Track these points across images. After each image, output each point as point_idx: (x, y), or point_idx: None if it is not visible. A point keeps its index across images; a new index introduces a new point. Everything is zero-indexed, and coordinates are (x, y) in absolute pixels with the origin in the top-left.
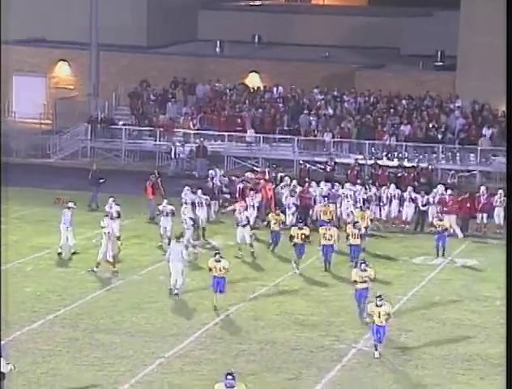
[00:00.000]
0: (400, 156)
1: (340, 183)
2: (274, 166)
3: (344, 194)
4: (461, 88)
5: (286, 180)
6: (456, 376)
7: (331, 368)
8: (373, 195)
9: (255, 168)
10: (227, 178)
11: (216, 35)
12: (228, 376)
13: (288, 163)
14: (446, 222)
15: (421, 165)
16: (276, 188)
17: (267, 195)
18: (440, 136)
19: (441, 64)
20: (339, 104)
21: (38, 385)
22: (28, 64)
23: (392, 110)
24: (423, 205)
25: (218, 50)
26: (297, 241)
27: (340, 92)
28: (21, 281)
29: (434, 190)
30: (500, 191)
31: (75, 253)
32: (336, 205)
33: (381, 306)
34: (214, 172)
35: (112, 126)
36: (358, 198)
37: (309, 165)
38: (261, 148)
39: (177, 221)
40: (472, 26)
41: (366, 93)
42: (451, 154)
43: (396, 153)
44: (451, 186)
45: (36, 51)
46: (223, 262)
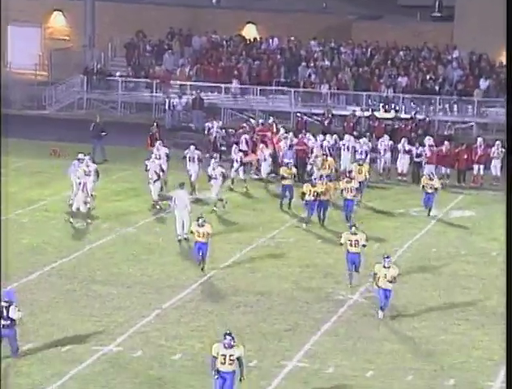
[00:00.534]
0: (397, 108)
1: (338, 135)
2: (270, 117)
3: (345, 146)
4: (459, 39)
5: (281, 132)
6: (452, 326)
7: (327, 319)
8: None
9: (252, 119)
10: (223, 131)
11: None
12: (227, 336)
13: (285, 115)
14: (437, 182)
15: (418, 117)
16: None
17: (277, 148)
18: (437, 87)
19: (438, 15)
20: (336, 55)
21: (36, 335)
22: (23, 14)
23: (389, 62)
24: (417, 156)
25: (214, 1)
26: (309, 198)
27: (337, 44)
28: (18, 233)
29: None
30: (497, 143)
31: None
32: (335, 158)
33: (388, 268)
34: (211, 124)
35: (108, 78)
36: (359, 149)
37: (306, 117)
38: (252, 99)
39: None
40: None
41: (363, 45)
42: (448, 105)
43: (393, 105)
44: (448, 138)
45: (31, 1)
46: (206, 226)
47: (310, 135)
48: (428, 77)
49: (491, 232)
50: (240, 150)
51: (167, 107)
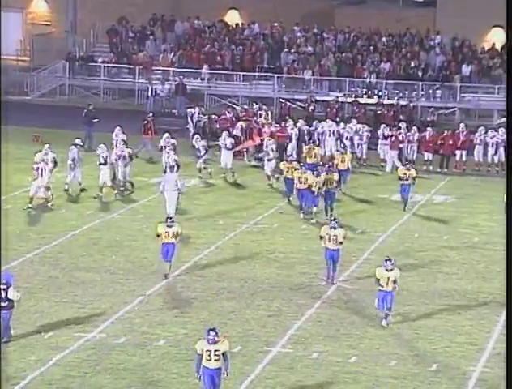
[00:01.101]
0: (380, 94)
1: (320, 121)
2: (254, 103)
3: (330, 131)
4: (441, 25)
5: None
6: (434, 312)
7: (311, 305)
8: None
9: (235, 106)
10: (206, 117)
11: None
12: (211, 332)
13: (268, 101)
14: (413, 172)
15: (401, 103)
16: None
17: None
18: (420, 73)
19: (421, 0)
20: (319, 41)
21: (19, 322)
22: None
23: (372, 48)
24: (400, 142)
25: None
26: (314, 189)
27: (320, 30)
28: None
29: (414, 128)
30: (480, 128)
31: (84, 190)
32: (320, 145)
33: (391, 271)
34: (193, 110)
35: (90, 64)
36: (344, 134)
37: (289, 103)
38: (235, 85)
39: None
40: None
41: (346, 30)
42: (431, 91)
43: (376, 91)
44: (431, 123)
45: None
46: (176, 226)
47: (291, 121)
48: (411, 63)
49: (473, 218)
50: (234, 136)
51: (149, 93)
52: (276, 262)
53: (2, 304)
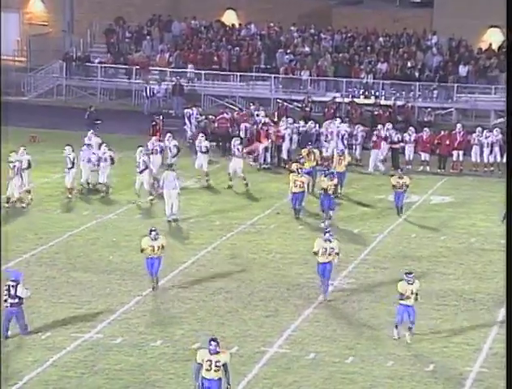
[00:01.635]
0: (377, 94)
1: (317, 121)
2: (251, 104)
3: (328, 131)
4: (438, 25)
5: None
6: (431, 312)
7: (308, 305)
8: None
9: (233, 106)
10: (204, 117)
11: None
12: (212, 342)
13: (265, 101)
14: (407, 179)
15: (398, 103)
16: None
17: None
18: (417, 74)
19: (418, 0)
20: (316, 41)
21: (16, 322)
22: None
23: (369, 48)
24: (395, 142)
25: None
26: (330, 192)
27: (317, 30)
28: None
29: (411, 128)
30: (478, 129)
31: (97, 190)
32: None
33: (412, 284)
34: (190, 111)
35: (87, 64)
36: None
37: (286, 104)
38: (233, 86)
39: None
40: None
41: (343, 31)
42: (428, 91)
43: (373, 91)
44: (428, 124)
45: None
46: (160, 239)
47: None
48: (408, 63)
49: (470, 218)
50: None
51: (146, 93)
52: (273, 262)
53: (12, 301)
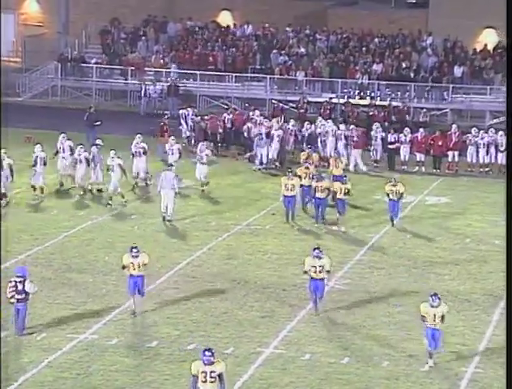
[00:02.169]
0: (372, 95)
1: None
2: (247, 105)
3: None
4: (433, 26)
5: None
6: None
7: (304, 306)
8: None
9: (227, 106)
10: (199, 118)
11: None
12: (206, 352)
13: (261, 102)
14: (401, 187)
15: (393, 104)
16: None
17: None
18: (412, 74)
19: (413, 1)
20: (312, 42)
21: (11, 323)
22: None
23: (364, 49)
24: (391, 143)
25: None
26: (340, 196)
27: (313, 31)
28: None
29: (406, 129)
30: (474, 129)
31: (100, 190)
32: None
33: (437, 307)
34: (186, 111)
35: (82, 65)
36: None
37: (282, 104)
38: (228, 86)
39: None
40: None
41: (339, 31)
42: (423, 92)
43: (368, 92)
44: (423, 124)
45: None
46: (142, 256)
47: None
48: (403, 64)
49: (465, 218)
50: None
51: (142, 94)
52: (269, 263)
53: (19, 296)
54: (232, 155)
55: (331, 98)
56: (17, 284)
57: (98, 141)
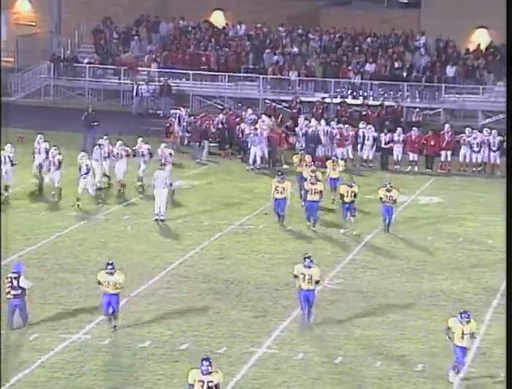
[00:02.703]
0: (365, 95)
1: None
2: (239, 105)
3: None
4: (426, 25)
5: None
6: (420, 312)
7: (296, 306)
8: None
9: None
10: (192, 118)
11: None
12: (204, 361)
13: (254, 101)
14: (395, 193)
15: (386, 103)
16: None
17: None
18: (405, 74)
19: (406, 1)
20: (305, 42)
21: (3, 324)
22: None
23: (357, 48)
24: (386, 143)
25: None
26: (347, 199)
27: (305, 30)
28: None
29: (399, 129)
30: (467, 129)
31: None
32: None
33: (467, 323)
34: (179, 111)
35: (75, 64)
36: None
37: (275, 104)
38: (221, 86)
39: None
40: None
41: (331, 31)
42: (416, 92)
43: (361, 91)
44: (416, 124)
45: None
46: (116, 274)
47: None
48: (395, 64)
49: (458, 218)
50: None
51: (134, 94)
52: (262, 263)
53: (15, 292)
54: (225, 154)
55: (324, 98)
56: (12, 280)
57: (100, 140)
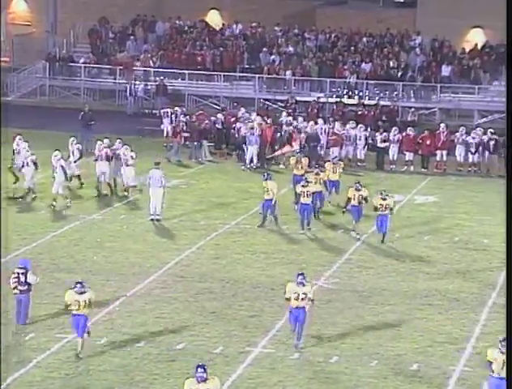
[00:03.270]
0: (361, 94)
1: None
2: (235, 104)
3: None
4: (421, 25)
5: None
6: (415, 311)
7: None
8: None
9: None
10: (188, 117)
11: None
12: (199, 368)
13: (249, 101)
14: (390, 201)
15: (382, 103)
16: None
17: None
18: (400, 74)
19: (401, 1)
20: (300, 42)
21: (3, 323)
22: None
23: (353, 48)
24: (381, 142)
25: None
26: (354, 203)
27: (301, 30)
28: None
29: (395, 128)
30: (461, 128)
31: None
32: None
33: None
34: (171, 111)
35: (71, 64)
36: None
37: (270, 103)
38: (216, 86)
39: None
40: None
41: (327, 31)
42: (412, 91)
43: (357, 91)
44: (411, 124)
45: None
46: (87, 293)
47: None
48: (391, 63)
49: (454, 217)
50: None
51: (128, 93)
52: (257, 262)
53: (21, 288)
54: (220, 154)
55: (320, 97)
56: (19, 276)
57: (106, 140)
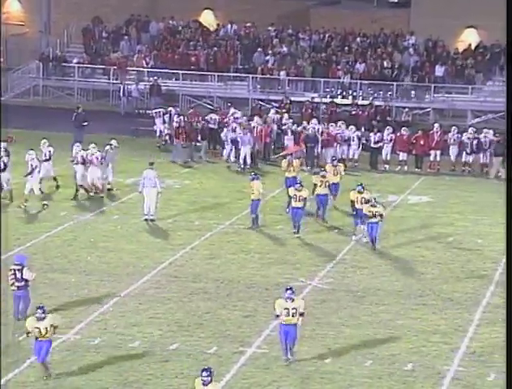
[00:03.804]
0: (355, 94)
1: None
2: (229, 104)
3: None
4: (415, 25)
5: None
6: (409, 311)
7: None
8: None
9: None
10: (182, 117)
11: None
12: (204, 372)
13: (243, 101)
14: (380, 208)
15: (376, 103)
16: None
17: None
18: (394, 74)
19: (395, 1)
20: (294, 42)
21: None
22: None
23: (347, 48)
24: (375, 142)
25: None
26: (358, 206)
27: (295, 30)
28: None
29: (388, 128)
30: (453, 128)
31: (110, 189)
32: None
33: None
34: (163, 111)
35: (64, 64)
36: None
37: (264, 104)
38: (210, 86)
39: None
40: None
41: (321, 31)
42: (405, 91)
43: (351, 91)
44: (405, 124)
45: None
46: (48, 319)
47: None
48: (385, 63)
49: (448, 217)
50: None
51: (121, 93)
52: (252, 262)
53: (18, 284)
54: (214, 154)
55: (313, 97)
56: (16, 272)
57: (113, 141)
